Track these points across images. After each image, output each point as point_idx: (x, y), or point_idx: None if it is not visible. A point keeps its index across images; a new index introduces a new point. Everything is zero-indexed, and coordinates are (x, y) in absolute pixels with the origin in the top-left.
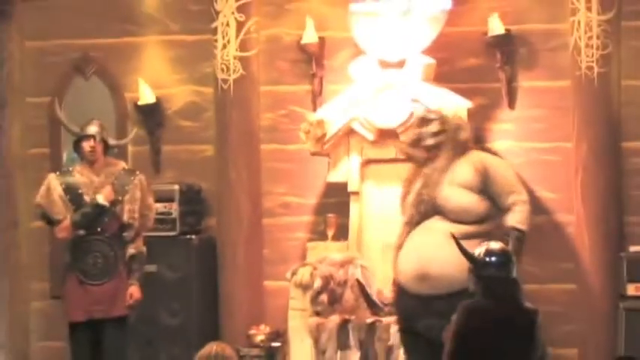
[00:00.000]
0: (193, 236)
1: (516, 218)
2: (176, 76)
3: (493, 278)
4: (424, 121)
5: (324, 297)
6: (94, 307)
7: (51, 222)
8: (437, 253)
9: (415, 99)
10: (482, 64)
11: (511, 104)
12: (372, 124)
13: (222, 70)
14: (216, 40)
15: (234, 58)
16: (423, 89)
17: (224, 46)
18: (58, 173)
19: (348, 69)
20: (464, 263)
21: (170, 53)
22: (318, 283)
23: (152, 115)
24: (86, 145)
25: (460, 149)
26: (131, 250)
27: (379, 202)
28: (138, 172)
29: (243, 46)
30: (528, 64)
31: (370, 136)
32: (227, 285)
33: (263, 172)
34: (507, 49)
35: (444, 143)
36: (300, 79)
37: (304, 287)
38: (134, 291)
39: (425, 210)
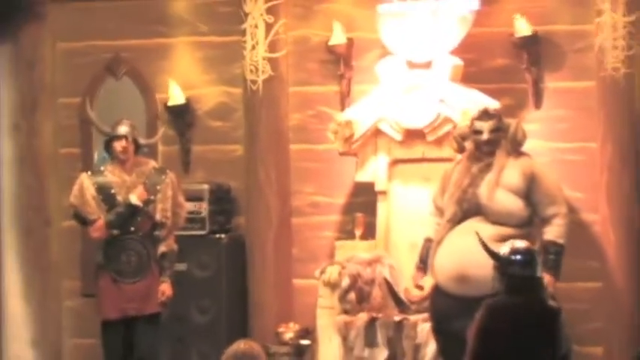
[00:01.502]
0: (223, 235)
1: (555, 232)
2: (206, 77)
3: (517, 276)
4: (485, 115)
5: (352, 295)
6: (128, 305)
7: (84, 222)
8: (477, 256)
9: (442, 99)
10: (509, 64)
11: (537, 104)
12: (399, 124)
13: (252, 71)
14: (245, 42)
15: (263, 59)
16: (450, 90)
17: (253, 48)
18: (90, 173)
19: (375, 70)
20: None
21: (200, 54)
22: (346, 282)
23: (182, 116)
24: (118, 145)
25: (514, 151)
26: (163, 248)
27: (406, 202)
28: (168, 171)
29: (271, 47)
30: (554, 65)
31: (398, 137)
32: (256, 283)
33: (292, 172)
34: (534, 50)
35: (499, 142)
36: (328, 80)
37: (332, 286)
38: (166, 288)
39: (467, 208)
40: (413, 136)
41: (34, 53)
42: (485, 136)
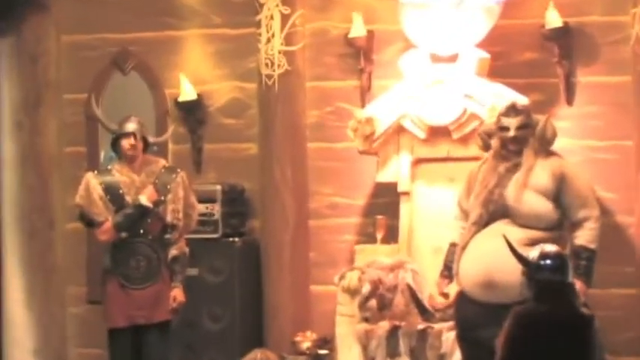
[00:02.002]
0: (236, 239)
1: (586, 237)
2: (218, 72)
3: (547, 282)
4: (512, 111)
5: (373, 302)
6: (137, 313)
7: (91, 223)
8: (504, 260)
9: (468, 95)
10: (539, 58)
11: (569, 100)
12: (423, 121)
13: (267, 65)
14: (260, 34)
15: (279, 52)
16: (476, 85)
17: (268, 40)
18: (96, 172)
19: (397, 63)
20: None
21: (212, 47)
22: (366, 288)
23: (193, 112)
24: (126, 143)
25: (543, 150)
26: (174, 252)
27: (430, 203)
28: (179, 170)
29: (288, 40)
30: (587, 59)
31: (421, 134)
32: (271, 289)
33: (309, 172)
34: (565, 43)
35: (527, 140)
36: (347, 75)
37: (352, 292)
38: (177, 294)
39: (494, 210)
40: (437, 133)
41: (37, 47)
42: (511, 133)
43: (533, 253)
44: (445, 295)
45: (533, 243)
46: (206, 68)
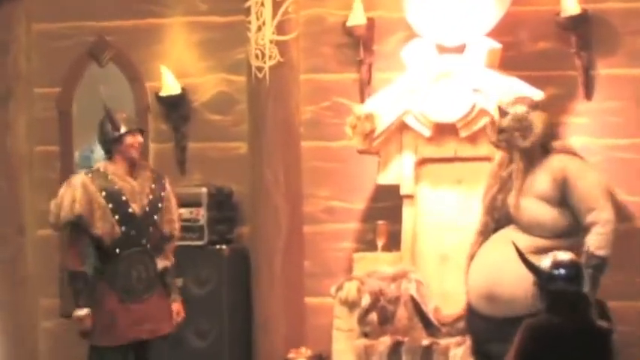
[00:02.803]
0: (224, 246)
1: (594, 242)
2: (204, 63)
3: (561, 293)
4: (500, 113)
5: (373, 316)
6: (140, 327)
7: (76, 235)
8: (507, 272)
9: (477, 89)
10: (554, 48)
11: (588, 95)
12: (427, 118)
13: (257, 56)
14: (249, 22)
15: (271, 42)
16: (486, 78)
17: (259, 29)
18: (90, 175)
19: (400, 54)
20: None
21: (197, 37)
22: (366, 300)
23: (177, 108)
24: (133, 142)
25: (529, 156)
26: (165, 263)
27: (436, 207)
28: (163, 175)
29: (280, 29)
30: (607, 49)
31: (426, 132)
32: (262, 302)
33: (303, 173)
34: (583, 32)
35: (508, 144)
36: (345, 67)
37: (351, 305)
38: (180, 308)
39: (498, 217)
40: (443, 131)
41: (6, 36)
42: (492, 137)
43: (545, 262)
44: None
45: (539, 251)
46: (190, 60)
